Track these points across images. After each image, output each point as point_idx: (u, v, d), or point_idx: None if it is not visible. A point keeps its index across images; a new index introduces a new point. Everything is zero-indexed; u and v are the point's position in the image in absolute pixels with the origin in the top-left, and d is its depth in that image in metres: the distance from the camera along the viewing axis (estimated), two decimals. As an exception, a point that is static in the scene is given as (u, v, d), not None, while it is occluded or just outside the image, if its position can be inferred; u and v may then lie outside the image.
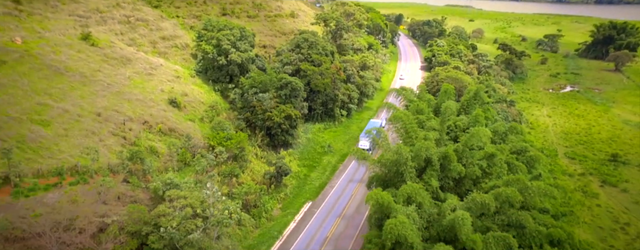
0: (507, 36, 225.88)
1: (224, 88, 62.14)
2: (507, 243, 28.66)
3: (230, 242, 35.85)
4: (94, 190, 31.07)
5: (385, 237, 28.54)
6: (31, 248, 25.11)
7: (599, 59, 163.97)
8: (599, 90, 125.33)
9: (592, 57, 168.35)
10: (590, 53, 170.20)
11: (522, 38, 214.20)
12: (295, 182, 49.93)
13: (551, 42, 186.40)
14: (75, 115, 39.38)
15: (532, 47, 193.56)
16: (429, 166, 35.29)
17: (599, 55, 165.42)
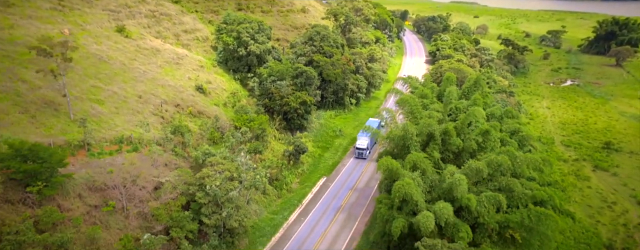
0: (511, 32, 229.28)
1: (243, 77, 67.80)
2: (497, 201, 34.23)
3: (258, 207, 41.87)
4: (147, 157, 36.95)
5: (394, 195, 34.21)
6: (107, 197, 31.03)
7: (601, 54, 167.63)
8: (598, 84, 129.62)
9: (594, 53, 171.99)
10: (593, 49, 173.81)
11: (526, 34, 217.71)
12: (310, 160, 55.71)
13: (554, 38, 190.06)
14: (122, 96, 45.28)
15: (535, 43, 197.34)
16: (432, 140, 40.84)
17: (601, 50, 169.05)
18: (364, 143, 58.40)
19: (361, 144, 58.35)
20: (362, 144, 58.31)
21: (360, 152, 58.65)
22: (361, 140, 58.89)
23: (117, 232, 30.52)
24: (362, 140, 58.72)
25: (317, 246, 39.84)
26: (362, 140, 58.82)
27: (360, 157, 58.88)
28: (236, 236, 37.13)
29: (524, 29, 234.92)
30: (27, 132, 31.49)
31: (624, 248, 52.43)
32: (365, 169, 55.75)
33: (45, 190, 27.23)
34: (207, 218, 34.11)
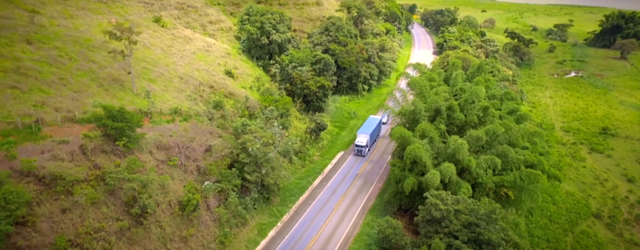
0: (518, 26, 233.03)
1: (265, 64, 74.69)
2: (493, 163, 40.85)
3: (286, 173, 49.03)
4: (195, 126, 44.07)
5: (406, 158, 41.02)
6: (170, 154, 38.22)
7: (606, 47, 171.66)
8: (601, 76, 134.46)
9: (600, 46, 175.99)
10: (599, 42, 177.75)
11: (533, 28, 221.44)
12: (329, 137, 62.67)
13: (561, 31, 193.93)
14: (168, 77, 52.42)
15: (542, 36, 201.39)
16: (438, 115, 47.47)
17: (607, 44, 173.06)
18: (364, 140, 58.05)
19: (361, 142, 58.00)
20: (361, 142, 57.99)
21: (359, 149, 58.35)
22: (360, 137, 58.51)
23: (180, 182, 37.72)
24: (362, 138, 58.33)
25: (338, 205, 46.89)
26: (361, 137, 58.45)
27: (359, 154, 58.62)
28: (271, 193, 44.29)
29: (531, 23, 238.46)
30: (105, 101, 38.69)
31: (610, 216, 58.90)
32: (379, 144, 62.60)
33: (129, 144, 34.43)
34: (249, 175, 41.22)
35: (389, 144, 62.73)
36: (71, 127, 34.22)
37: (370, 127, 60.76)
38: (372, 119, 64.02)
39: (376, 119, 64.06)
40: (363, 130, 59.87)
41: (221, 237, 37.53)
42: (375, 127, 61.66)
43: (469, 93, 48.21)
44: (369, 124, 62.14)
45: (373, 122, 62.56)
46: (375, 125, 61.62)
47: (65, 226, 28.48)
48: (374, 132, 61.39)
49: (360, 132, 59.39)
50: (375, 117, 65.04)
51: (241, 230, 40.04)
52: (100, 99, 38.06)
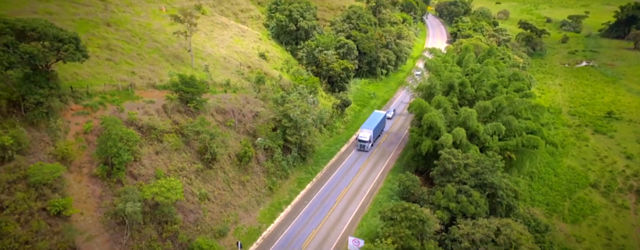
0: (532, 18, 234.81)
1: (293, 48, 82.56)
2: (498, 128, 48.23)
3: (318, 140, 57.14)
4: (243, 96, 52.37)
5: (423, 123, 48.71)
6: (226, 117, 46.63)
7: (621, 38, 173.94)
8: (612, 66, 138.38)
9: (614, 37, 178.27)
10: (613, 33, 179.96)
11: (547, 19, 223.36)
12: (352, 113, 70.59)
13: (575, 22, 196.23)
14: (214, 57, 60.79)
15: (556, 27, 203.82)
16: (452, 90, 54.83)
17: (621, 35, 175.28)
18: (367, 135, 57.26)
19: (363, 137, 57.19)
20: (364, 137, 57.17)
21: (362, 144, 57.78)
22: (363, 132, 57.64)
23: (235, 140, 46.12)
24: (365, 133, 57.51)
25: (363, 167, 54.95)
26: (364, 132, 57.58)
27: (362, 149, 58.03)
28: (307, 154, 52.57)
29: (545, 15, 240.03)
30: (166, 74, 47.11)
31: (606, 186, 65.69)
32: (396, 121, 70.24)
33: (198, 106, 42.88)
34: (290, 137, 49.46)
35: (406, 120, 70.12)
36: (153, 91, 42.81)
37: (374, 122, 59.81)
38: (376, 114, 63.40)
39: (380, 114, 63.45)
40: (366, 126, 58.75)
41: (270, 184, 46.02)
42: (379, 122, 60.59)
43: (480, 72, 55.34)
44: (373, 119, 61.02)
45: (377, 117, 61.31)
46: (379, 120, 60.45)
47: (159, 164, 37.13)
48: (378, 128, 60.44)
49: (363, 127, 58.46)
50: (379, 112, 64.65)
51: (284, 181, 48.49)
52: (165, 72, 46.60)
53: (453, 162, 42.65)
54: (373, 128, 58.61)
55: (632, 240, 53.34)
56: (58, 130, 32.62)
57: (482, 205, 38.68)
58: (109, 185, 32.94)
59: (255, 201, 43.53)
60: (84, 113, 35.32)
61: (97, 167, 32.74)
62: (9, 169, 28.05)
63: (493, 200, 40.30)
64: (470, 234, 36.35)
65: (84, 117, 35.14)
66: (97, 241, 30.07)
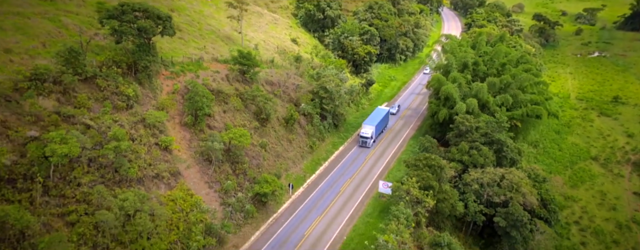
0: (547, 11, 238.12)
1: (320, 35, 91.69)
2: (506, 99, 56.63)
3: (347, 110, 66.32)
4: (285, 72, 61.79)
5: (441, 94, 57.48)
6: (274, 88, 56.18)
7: (636, 30, 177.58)
8: (624, 56, 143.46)
9: (629, 29, 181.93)
10: (628, 25, 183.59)
11: (562, 12, 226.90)
12: (375, 92, 79.56)
13: (590, 15, 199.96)
14: (256, 39, 70.34)
15: (571, 21, 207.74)
16: (466, 68, 63.30)
17: (637, 27, 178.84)
18: (369, 132, 56.97)
19: (365, 133, 57.09)
20: (366, 133, 57.03)
21: (363, 140, 57.68)
22: (366, 128, 57.33)
23: (281, 106, 55.59)
24: (367, 129, 57.20)
25: (387, 135, 63.95)
26: (366, 128, 57.28)
27: (363, 145, 57.91)
28: (339, 122, 61.91)
29: (561, 8, 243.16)
30: (225, 51, 56.76)
31: (606, 158, 73.45)
32: (415, 98, 79.04)
33: (252, 77, 52.45)
34: (326, 106, 58.77)
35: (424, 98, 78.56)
36: (217, 64, 52.53)
37: (376, 118, 59.94)
38: (379, 110, 63.56)
39: (384, 110, 63.80)
40: (369, 122, 58.62)
41: (310, 144, 55.56)
42: (382, 118, 60.64)
43: (492, 52, 63.61)
44: (375, 115, 61.22)
45: (380, 113, 61.42)
46: (382, 116, 60.66)
47: (226, 120, 46.86)
48: (381, 124, 60.47)
49: (365, 123, 58.24)
50: (382, 108, 64.78)
51: (321, 143, 57.96)
52: (226, 49, 56.29)
53: (466, 124, 51.38)
54: (375, 124, 58.12)
55: (623, 201, 61.37)
56: (157, 89, 42.57)
57: (490, 158, 47.43)
58: (194, 132, 42.82)
59: (300, 156, 53.13)
60: (171, 77, 45.20)
61: (186, 117, 42.61)
62: (132, 113, 38.01)
63: (499, 155, 48.97)
64: (479, 179, 45.20)
65: (172, 80, 45.02)
66: (192, 170, 39.99)
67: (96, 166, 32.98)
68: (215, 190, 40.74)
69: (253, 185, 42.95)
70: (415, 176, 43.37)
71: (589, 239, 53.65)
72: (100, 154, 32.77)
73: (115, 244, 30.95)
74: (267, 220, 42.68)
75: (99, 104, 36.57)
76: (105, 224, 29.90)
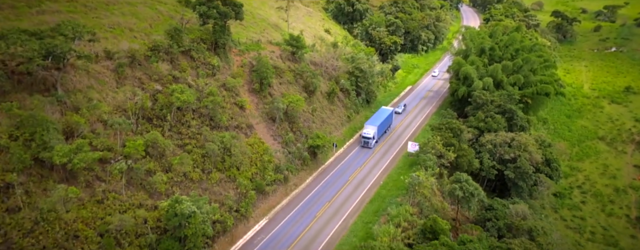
0: (567, 9, 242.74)
1: (349, 27, 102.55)
2: (518, 79, 66.23)
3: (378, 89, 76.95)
4: (324, 54, 72.75)
5: (461, 74, 67.56)
6: (316, 67, 67.26)
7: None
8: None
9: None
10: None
11: (582, 10, 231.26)
12: (400, 77, 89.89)
13: (610, 12, 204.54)
14: (296, 29, 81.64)
15: (591, 18, 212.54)
16: (483, 53, 73.08)
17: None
18: (371, 132, 56.94)
19: (367, 133, 57.18)
20: (368, 133, 57.08)
21: (365, 141, 57.90)
22: (368, 129, 57.39)
23: (324, 82, 66.54)
24: (369, 129, 57.21)
25: (413, 110, 74.31)
26: (368, 129, 57.33)
27: (365, 146, 57.85)
28: (371, 98, 72.65)
29: (581, 6, 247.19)
30: (274, 36, 68.06)
31: (611, 138, 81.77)
32: (436, 82, 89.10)
33: (300, 57, 63.58)
34: (360, 83, 69.47)
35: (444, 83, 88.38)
36: (271, 46, 63.94)
37: (379, 118, 60.58)
38: (383, 110, 64.14)
39: (387, 110, 64.24)
40: (371, 122, 58.86)
41: (348, 115, 66.46)
42: (386, 118, 61.24)
43: (507, 38, 73.21)
44: (378, 115, 61.99)
45: (383, 114, 62.21)
46: (385, 116, 61.41)
47: (282, 90, 58.03)
48: (384, 124, 60.94)
49: (368, 124, 58.37)
50: (386, 109, 65.34)
51: (356, 115, 68.79)
52: (276, 34, 67.64)
53: (482, 98, 61.33)
54: (378, 125, 58.40)
55: (624, 172, 70.05)
56: (231, 62, 54.16)
57: (502, 124, 57.31)
58: (260, 97, 54.20)
59: (340, 123, 64.07)
60: (239, 54, 56.75)
61: (254, 84, 54.02)
62: (215, 79, 49.60)
63: (510, 122, 58.75)
64: (493, 140, 55.13)
65: (240, 56, 56.56)
66: (260, 126, 51.34)
67: (198, 114, 44.60)
68: (279, 142, 51.99)
69: (307, 140, 54.04)
70: (440, 136, 53.64)
71: (589, 199, 62.59)
72: (201, 105, 44.33)
73: (216, 170, 42.39)
74: (317, 168, 53.75)
75: (194, 71, 48.30)
76: (211, 153, 41.41)
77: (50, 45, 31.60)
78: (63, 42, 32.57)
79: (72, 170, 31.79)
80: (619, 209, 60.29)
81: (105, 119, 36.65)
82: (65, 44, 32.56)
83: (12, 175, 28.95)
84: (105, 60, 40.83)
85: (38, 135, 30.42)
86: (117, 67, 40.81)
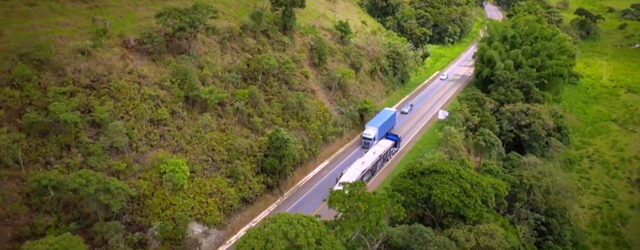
0: (594, 8, 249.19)
1: (382, 20, 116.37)
2: (536, 62, 78.47)
3: (409, 73, 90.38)
4: (366, 40, 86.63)
5: (484, 58, 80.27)
6: (360, 50, 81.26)
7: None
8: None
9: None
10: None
11: (609, 9, 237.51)
12: (429, 64, 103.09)
13: (637, 11, 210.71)
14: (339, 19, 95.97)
15: (617, 17, 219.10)
16: (505, 40, 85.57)
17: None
18: (372, 133, 57.80)
19: (368, 134, 58.21)
20: (369, 134, 58.10)
21: (366, 142, 59.13)
22: (369, 129, 58.27)
23: (367, 62, 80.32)
24: (370, 130, 58.07)
25: (441, 90, 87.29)
26: (369, 130, 58.20)
27: (366, 147, 59.08)
28: (405, 79, 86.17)
29: (608, 5, 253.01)
30: (325, 23, 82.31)
31: (624, 121, 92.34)
32: (461, 69, 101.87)
33: (347, 41, 77.64)
34: (397, 64, 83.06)
35: (469, 70, 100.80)
36: (323, 30, 78.29)
37: (381, 119, 61.70)
38: (386, 111, 65.22)
39: (391, 111, 65.19)
40: (373, 123, 59.95)
41: (386, 90, 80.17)
42: (388, 119, 62.17)
43: (528, 27, 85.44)
44: (381, 117, 63.19)
45: (386, 115, 63.51)
46: (387, 117, 62.44)
47: (334, 66, 72.09)
48: (386, 125, 62.01)
49: (369, 125, 59.46)
50: (389, 110, 66.02)
51: (392, 91, 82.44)
52: (324, 22, 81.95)
53: (503, 76, 73.91)
54: (379, 126, 59.40)
55: (631, 146, 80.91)
56: (295, 41, 68.71)
57: (520, 96, 69.79)
58: (318, 70, 68.48)
59: (380, 96, 77.88)
60: (300, 36, 71.27)
61: (314, 60, 68.32)
62: (286, 53, 64.15)
63: (527, 96, 71.11)
64: (511, 109, 67.66)
65: (301, 38, 71.06)
66: (320, 92, 65.58)
67: (277, 78, 59.15)
68: (334, 105, 66.10)
69: (356, 105, 68.02)
70: (466, 104, 66.64)
71: (596, 166, 73.86)
72: (280, 71, 58.82)
73: (292, 119, 56.70)
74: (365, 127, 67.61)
75: (270, 46, 63.00)
76: (290, 105, 55.79)
77: (195, 18, 46.60)
78: (202, 16, 47.56)
79: (206, 106, 46.63)
80: (622, 173, 71.43)
81: (219, 75, 51.55)
82: (203, 17, 47.58)
83: (176, 105, 43.95)
84: (212, 35, 55.86)
85: (188, 80, 45.39)
86: (222, 39, 55.83)
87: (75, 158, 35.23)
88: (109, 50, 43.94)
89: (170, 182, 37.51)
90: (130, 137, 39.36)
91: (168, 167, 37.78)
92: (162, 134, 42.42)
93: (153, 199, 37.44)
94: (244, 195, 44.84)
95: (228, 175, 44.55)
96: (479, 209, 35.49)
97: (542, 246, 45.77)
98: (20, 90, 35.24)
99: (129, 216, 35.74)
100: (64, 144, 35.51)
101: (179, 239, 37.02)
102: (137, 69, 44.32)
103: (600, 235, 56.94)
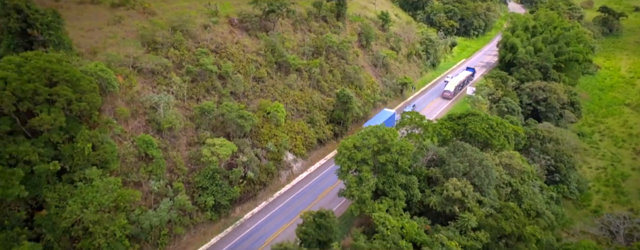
0: (619, 7, 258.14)
1: (413, 14, 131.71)
2: (554, 48, 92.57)
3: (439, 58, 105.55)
4: (401, 29, 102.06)
5: (507, 44, 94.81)
6: (397, 36, 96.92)
7: None
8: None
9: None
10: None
11: (635, 8, 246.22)
12: (456, 52, 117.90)
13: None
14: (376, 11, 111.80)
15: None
16: (526, 29, 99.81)
17: None
18: None
19: None
20: None
21: None
22: None
23: (404, 47, 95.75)
24: None
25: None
26: None
27: None
28: (436, 63, 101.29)
29: (634, 4, 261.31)
30: (367, 13, 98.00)
31: (637, 105, 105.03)
32: (485, 57, 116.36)
33: (387, 27, 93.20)
34: (429, 50, 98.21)
35: (493, 57, 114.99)
36: (366, 19, 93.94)
37: (378, 120, 63.68)
38: (384, 112, 66.99)
39: (389, 112, 66.46)
40: (371, 123, 60.55)
41: (420, 72, 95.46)
42: (385, 121, 63.21)
43: (546, 18, 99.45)
44: (378, 118, 65.62)
45: (383, 116, 65.86)
46: (385, 119, 64.51)
47: (378, 48, 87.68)
48: (390, 120, 64.23)
49: (368, 123, 60.67)
50: (388, 111, 66.87)
51: (426, 73, 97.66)
52: (366, 12, 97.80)
53: (524, 59, 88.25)
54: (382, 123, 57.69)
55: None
56: (346, 27, 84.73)
57: (538, 76, 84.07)
58: (365, 51, 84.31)
59: (414, 76, 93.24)
60: (350, 22, 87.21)
61: (362, 42, 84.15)
62: (341, 36, 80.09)
63: (545, 76, 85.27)
64: (530, 86, 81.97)
65: (350, 24, 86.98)
66: (367, 68, 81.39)
67: (336, 54, 75.03)
68: (380, 79, 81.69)
69: (397, 80, 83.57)
70: (492, 81, 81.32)
71: (605, 139, 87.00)
72: (338, 48, 74.70)
73: (350, 87, 72.36)
74: (404, 99, 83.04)
75: (329, 29, 79.15)
76: (348, 74, 71.67)
77: (282, 2, 63.07)
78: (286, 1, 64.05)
79: (290, 70, 62.92)
80: (629, 145, 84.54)
81: (295, 49, 67.85)
82: (287, 1, 64.11)
83: (270, 68, 60.41)
84: (287, 18, 72.25)
85: (277, 50, 61.78)
86: (294, 22, 72.30)
87: (213, 97, 51.82)
88: (221, 27, 60.75)
89: (274, 118, 53.65)
90: (244, 86, 55.93)
91: (272, 108, 53.96)
92: (262, 88, 58.83)
93: (262, 130, 53.69)
94: (319, 136, 60.89)
95: (308, 121, 60.69)
96: (502, 140, 50.43)
97: (550, 185, 60.21)
98: (178, 50, 52.10)
99: (250, 139, 52.09)
100: (206, 88, 52.12)
101: (280, 159, 53.24)
102: (241, 40, 60.97)
103: (602, 186, 70.63)
